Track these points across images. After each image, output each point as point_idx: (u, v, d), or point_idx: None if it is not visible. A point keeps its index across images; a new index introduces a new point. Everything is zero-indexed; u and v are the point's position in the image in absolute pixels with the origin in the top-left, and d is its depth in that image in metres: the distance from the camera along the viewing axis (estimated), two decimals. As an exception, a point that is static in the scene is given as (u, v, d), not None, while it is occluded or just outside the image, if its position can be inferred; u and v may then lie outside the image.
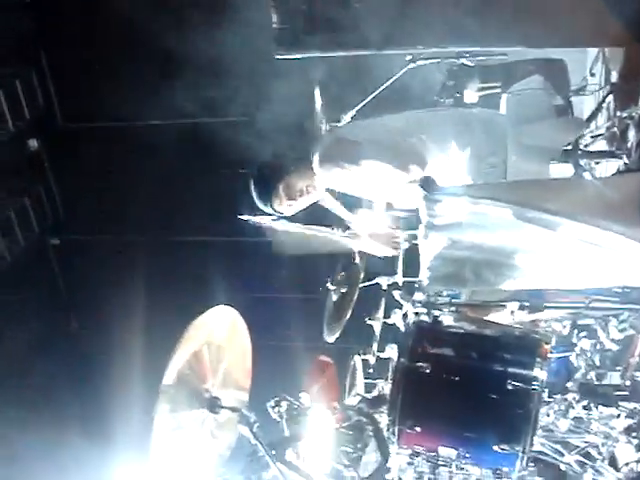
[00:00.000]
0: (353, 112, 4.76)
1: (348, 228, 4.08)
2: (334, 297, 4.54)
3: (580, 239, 2.94)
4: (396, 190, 3.63)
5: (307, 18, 3.82)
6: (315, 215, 4.05)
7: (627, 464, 3.50)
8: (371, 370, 4.44)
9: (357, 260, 4.56)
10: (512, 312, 3.50)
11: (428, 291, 3.53)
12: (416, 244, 3.51)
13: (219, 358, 3.30)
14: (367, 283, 4.57)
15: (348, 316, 4.39)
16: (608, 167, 4.49)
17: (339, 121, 4.69)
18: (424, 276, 3.20)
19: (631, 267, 2.96)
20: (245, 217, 4.23)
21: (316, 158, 3.68)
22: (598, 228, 2.89)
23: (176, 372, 2.98)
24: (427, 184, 3.04)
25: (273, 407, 3.45)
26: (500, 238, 3.05)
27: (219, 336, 3.28)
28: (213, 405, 3.20)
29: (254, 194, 3.83)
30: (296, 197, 3.79)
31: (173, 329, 3.14)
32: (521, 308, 3.47)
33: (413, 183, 3.41)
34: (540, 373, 3.21)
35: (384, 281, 4.60)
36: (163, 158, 6.70)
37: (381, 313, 4.49)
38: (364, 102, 4.71)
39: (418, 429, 3.29)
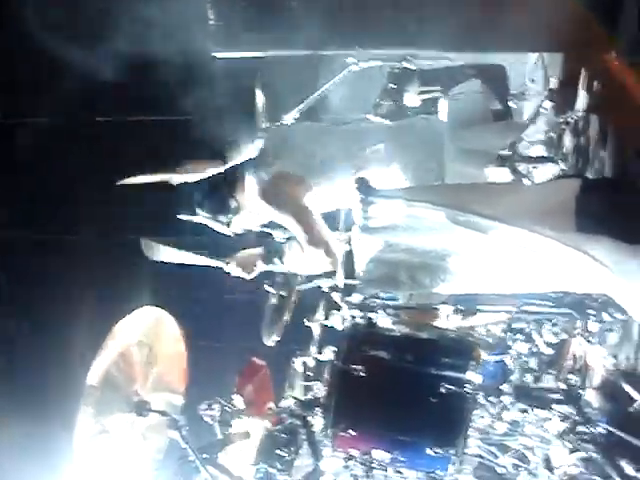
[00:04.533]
0: (295, 113, 4.73)
1: None
2: (273, 300, 4.50)
3: (513, 243, 2.94)
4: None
5: (244, 15, 3.77)
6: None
7: (561, 467, 3.52)
8: (309, 373, 4.41)
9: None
10: (447, 316, 3.51)
11: (364, 294, 3.52)
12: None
13: (150, 360, 3.24)
14: (307, 285, 4.54)
15: (287, 319, 4.35)
16: (545, 172, 4.53)
17: (280, 121, 4.66)
18: (358, 278, 3.18)
19: (564, 272, 2.98)
20: (184, 217, 4.18)
21: (251, 182, 3.72)
22: (532, 233, 2.89)
23: (101, 373, 2.91)
24: (362, 186, 3.02)
25: (205, 410, 3.40)
26: (435, 241, 3.04)
27: (149, 338, 3.23)
28: (141, 408, 3.14)
29: (207, 211, 3.86)
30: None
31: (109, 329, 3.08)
32: (455, 312, 3.48)
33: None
34: (474, 376, 3.22)
35: (324, 283, 4.57)
36: (103, 156, 6.59)
37: (320, 315, 4.46)
38: (305, 102, 4.68)
39: (352, 432, 3.27)
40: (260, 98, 4.66)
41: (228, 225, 3.91)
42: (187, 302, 5.59)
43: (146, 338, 3.21)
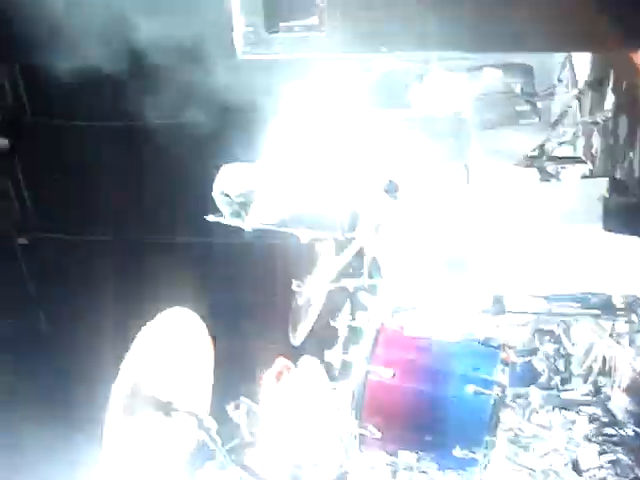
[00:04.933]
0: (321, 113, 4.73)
1: None
2: (300, 299, 4.51)
3: (542, 244, 2.94)
4: None
5: (270, 17, 3.77)
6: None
7: (588, 469, 3.51)
8: (335, 373, 4.42)
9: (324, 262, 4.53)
10: (475, 316, 3.50)
11: (390, 295, 3.53)
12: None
13: (177, 360, 3.26)
14: (333, 285, 4.54)
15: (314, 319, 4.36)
16: (573, 172, 4.51)
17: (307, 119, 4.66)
18: (386, 278, 3.20)
19: (592, 272, 2.98)
20: (212, 218, 4.19)
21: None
22: (560, 233, 2.90)
23: (130, 374, 2.94)
24: (390, 188, 3.04)
25: (233, 410, 3.42)
26: (464, 242, 3.06)
27: (177, 338, 3.24)
28: (169, 409, 3.16)
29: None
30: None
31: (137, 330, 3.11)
32: (483, 312, 3.47)
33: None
34: (501, 378, 3.21)
35: (350, 283, 4.57)
36: (134, 158, 6.64)
37: (346, 315, 4.46)
38: (331, 104, 4.68)
39: (379, 432, 3.28)
40: (285, 97, 4.66)
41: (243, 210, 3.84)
42: (214, 302, 5.60)
43: (174, 339, 3.23)
